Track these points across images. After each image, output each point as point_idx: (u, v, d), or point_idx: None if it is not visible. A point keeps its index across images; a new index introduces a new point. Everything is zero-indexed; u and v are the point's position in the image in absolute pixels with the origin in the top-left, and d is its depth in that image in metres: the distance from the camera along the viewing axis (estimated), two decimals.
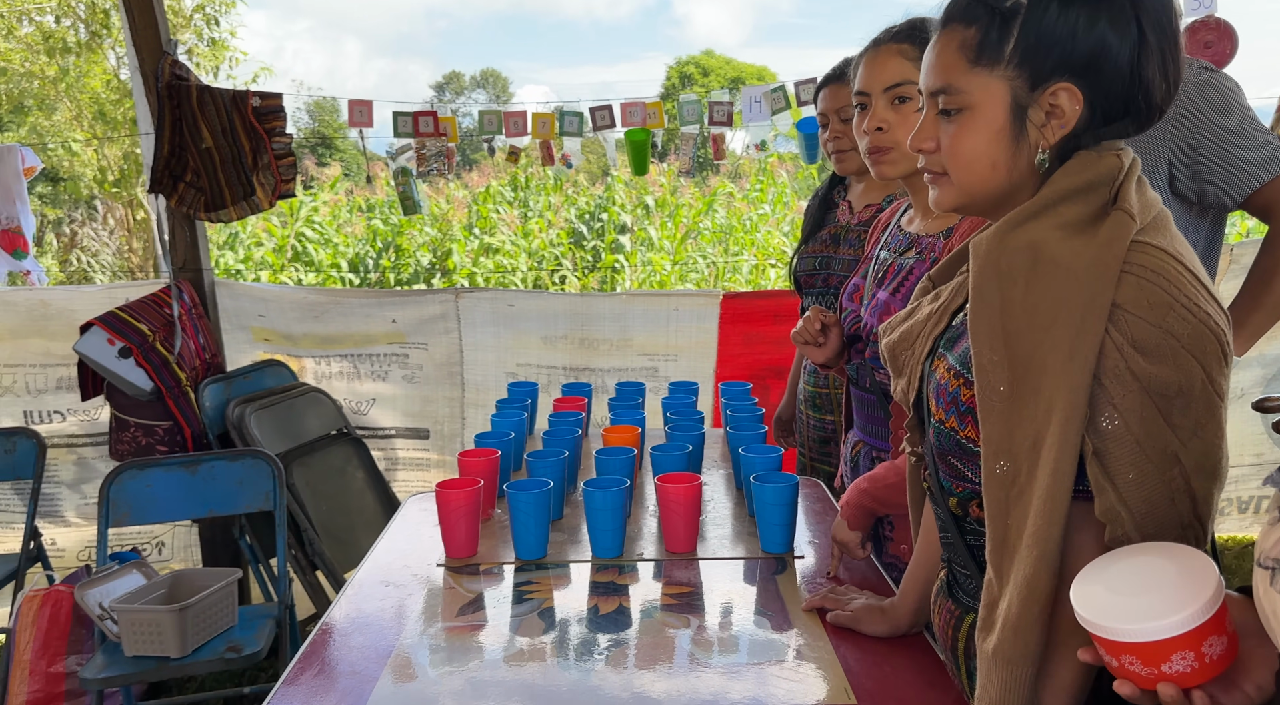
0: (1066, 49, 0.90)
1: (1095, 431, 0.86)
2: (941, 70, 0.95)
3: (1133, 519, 0.85)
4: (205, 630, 2.17)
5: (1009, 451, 0.89)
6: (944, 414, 1.00)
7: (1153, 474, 0.85)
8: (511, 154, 2.81)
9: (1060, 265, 0.88)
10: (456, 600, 1.51)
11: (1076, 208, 0.90)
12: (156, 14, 2.80)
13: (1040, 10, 0.91)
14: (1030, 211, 0.92)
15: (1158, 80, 0.92)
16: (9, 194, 2.75)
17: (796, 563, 1.62)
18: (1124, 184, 0.91)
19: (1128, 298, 0.85)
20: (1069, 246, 0.88)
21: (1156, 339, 0.84)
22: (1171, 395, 0.84)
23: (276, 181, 2.84)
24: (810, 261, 2.11)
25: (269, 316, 3.16)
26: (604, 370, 2.98)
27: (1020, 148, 0.94)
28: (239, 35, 10.52)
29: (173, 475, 2.46)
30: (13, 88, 10.38)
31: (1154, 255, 0.86)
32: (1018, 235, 0.91)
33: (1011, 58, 0.92)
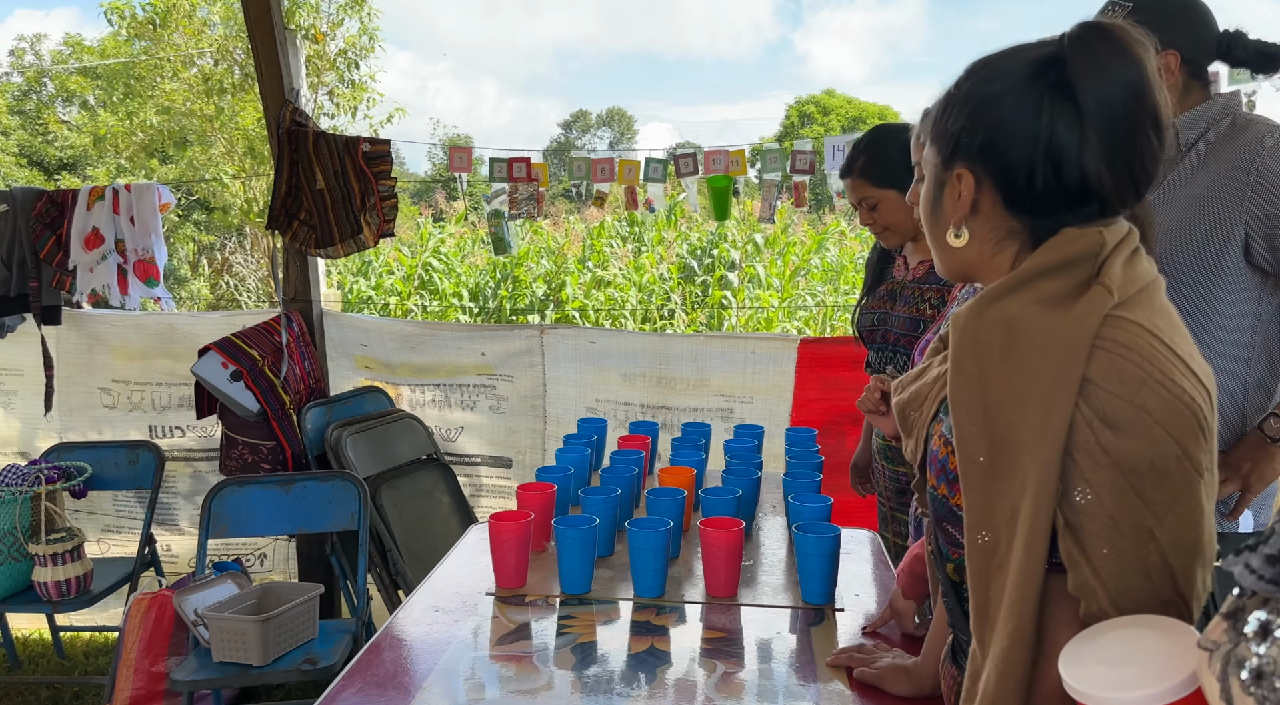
0: (962, 134, 0.94)
1: (1069, 506, 0.84)
2: (916, 146, 1.04)
3: (1108, 594, 0.83)
4: (286, 641, 2.31)
5: (989, 522, 0.88)
6: (936, 480, 1.00)
7: (1128, 549, 0.83)
8: (598, 198, 2.91)
9: (1033, 339, 0.87)
10: (500, 629, 1.57)
11: (1055, 283, 0.90)
12: (281, 66, 3.06)
13: (953, 92, 0.96)
14: (1008, 286, 0.92)
15: (1103, 172, 0.90)
16: (146, 228, 3.05)
17: (837, 615, 1.60)
18: (1109, 259, 0.90)
19: (1099, 372, 0.84)
20: (1043, 321, 0.88)
21: (1128, 414, 0.82)
22: (1144, 470, 0.82)
23: (380, 221, 3.03)
24: (870, 317, 2.11)
25: (370, 346, 3.35)
26: (680, 409, 3.01)
27: (938, 220, 0.99)
28: (378, 79, 11.20)
29: (268, 493, 2.64)
30: (175, 125, 11.39)
31: (1128, 330, 0.85)
32: (995, 309, 0.91)
33: (935, 133, 0.98)
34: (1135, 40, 0.89)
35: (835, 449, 2.82)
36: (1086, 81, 0.88)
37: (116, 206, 3.08)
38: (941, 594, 1.08)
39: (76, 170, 15.39)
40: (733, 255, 9.20)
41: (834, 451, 2.82)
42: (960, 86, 0.96)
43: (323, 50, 10.39)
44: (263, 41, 3.05)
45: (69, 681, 3.12)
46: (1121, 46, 0.89)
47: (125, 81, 12.75)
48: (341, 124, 10.74)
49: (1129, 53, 0.89)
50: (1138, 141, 0.90)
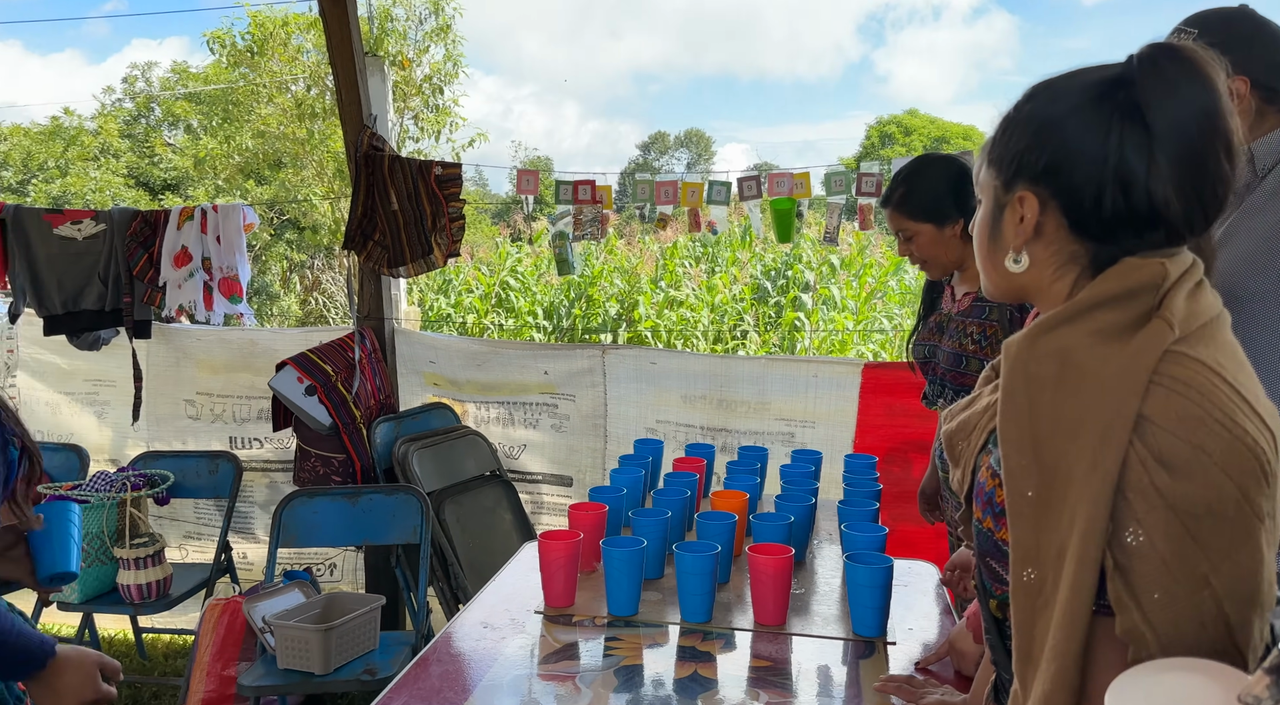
0: (1025, 156, 0.92)
1: (1119, 546, 0.81)
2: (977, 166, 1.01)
3: (1158, 640, 0.79)
4: (347, 651, 2.36)
5: (1036, 559, 0.85)
6: (982, 513, 0.97)
7: (1181, 596, 0.78)
8: (660, 220, 2.93)
9: (1087, 373, 0.84)
10: (545, 648, 1.58)
11: (1113, 314, 0.86)
12: (360, 92, 3.18)
13: (1013, 114, 0.94)
14: (1064, 316, 0.89)
15: (1171, 197, 0.87)
16: (231, 247, 3.19)
17: (889, 649, 1.56)
18: (1171, 291, 0.86)
19: (1155, 410, 0.80)
20: (1098, 354, 0.84)
21: (1185, 454, 0.78)
22: (1200, 514, 0.78)
23: (449, 242, 3.11)
24: (921, 350, 2.08)
25: (439, 363, 3.43)
26: (740, 432, 2.99)
27: (996, 245, 0.97)
28: (461, 103, 11.53)
29: (336, 504, 2.72)
30: (269, 148, 11.91)
31: (1189, 366, 0.81)
32: (1049, 340, 0.88)
33: (996, 156, 0.95)
34: (1207, 62, 0.87)
35: (900, 477, 2.76)
36: (1157, 104, 0.86)
37: (204, 226, 3.24)
38: (985, 631, 1.05)
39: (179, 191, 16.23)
40: (807, 277, 9.11)
41: (898, 480, 2.76)
42: (1020, 109, 0.94)
43: (409, 76, 10.74)
44: (343, 68, 3.18)
45: (148, 681, 3.25)
46: (1194, 68, 0.86)
47: (225, 106, 13.42)
48: (425, 147, 11.07)
49: (1201, 75, 0.86)
50: (1208, 167, 0.87)
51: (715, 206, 2.84)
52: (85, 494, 2.86)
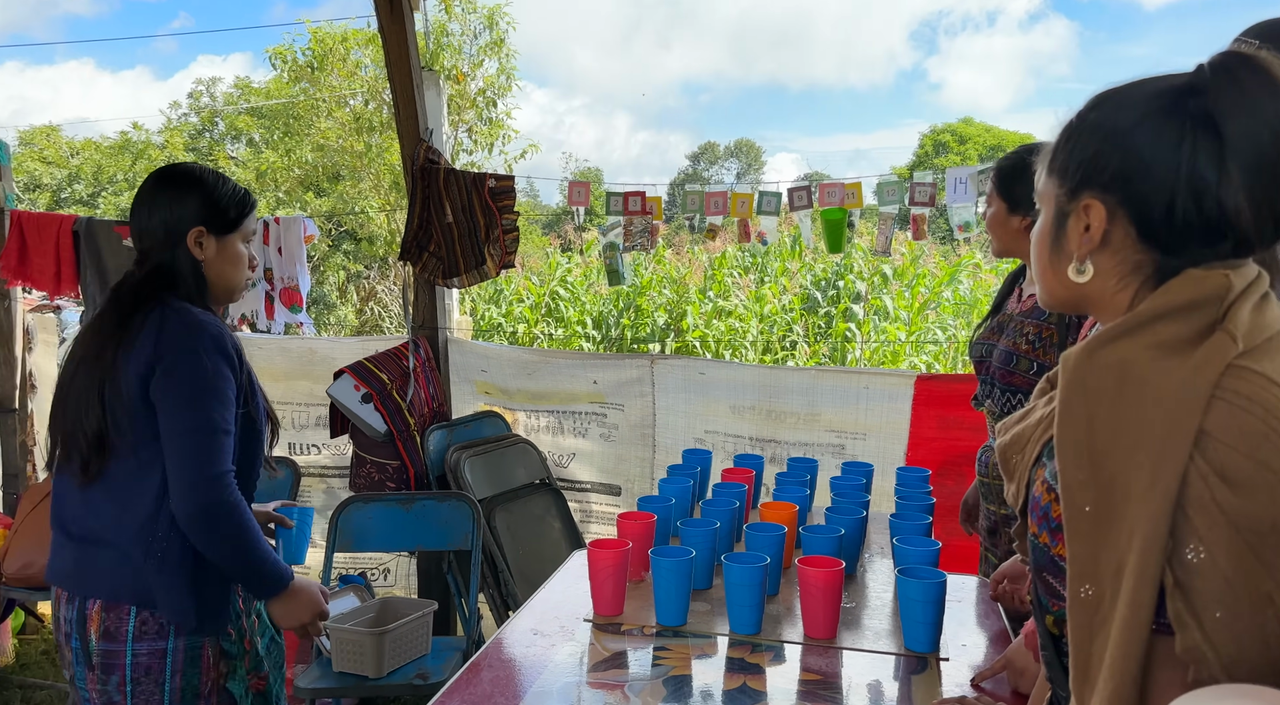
0: (1093, 163, 0.90)
1: (1180, 563, 0.79)
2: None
3: (1220, 660, 0.77)
4: (401, 655, 2.40)
5: (1094, 575, 0.84)
6: (1037, 528, 0.96)
7: (1243, 614, 0.77)
8: (710, 230, 2.94)
9: (1147, 386, 0.83)
10: (595, 656, 1.59)
11: (1175, 327, 0.85)
12: (418, 108, 3.25)
13: (1077, 123, 0.92)
14: (1124, 328, 0.88)
15: (1243, 207, 0.85)
16: (292, 258, 3.29)
17: (941, 665, 1.54)
18: (1236, 304, 0.85)
19: (1217, 425, 0.79)
20: (1159, 367, 0.83)
21: (1248, 471, 0.77)
22: (1264, 532, 0.76)
23: (502, 253, 3.16)
24: (979, 348, 2.06)
25: (490, 372, 3.48)
26: (790, 443, 2.98)
27: (1059, 254, 0.95)
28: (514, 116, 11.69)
29: (390, 510, 2.77)
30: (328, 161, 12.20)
31: (1252, 381, 0.79)
32: (1108, 352, 0.87)
33: (1060, 164, 0.93)
34: None
35: (953, 490, 2.72)
36: (1231, 112, 0.84)
37: (266, 238, 3.34)
38: (1041, 647, 1.03)
39: None
40: (858, 287, 9.03)
41: (951, 493, 2.71)
42: (1085, 117, 0.93)
43: (463, 89, 10.92)
44: (401, 84, 3.25)
45: None
46: (1269, 78, 0.85)
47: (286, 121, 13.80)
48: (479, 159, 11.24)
49: (1276, 84, 0.85)
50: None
51: (765, 217, 2.84)
52: None
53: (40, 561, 3.10)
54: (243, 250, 1.76)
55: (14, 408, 3.71)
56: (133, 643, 1.60)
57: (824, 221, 2.77)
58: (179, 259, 1.68)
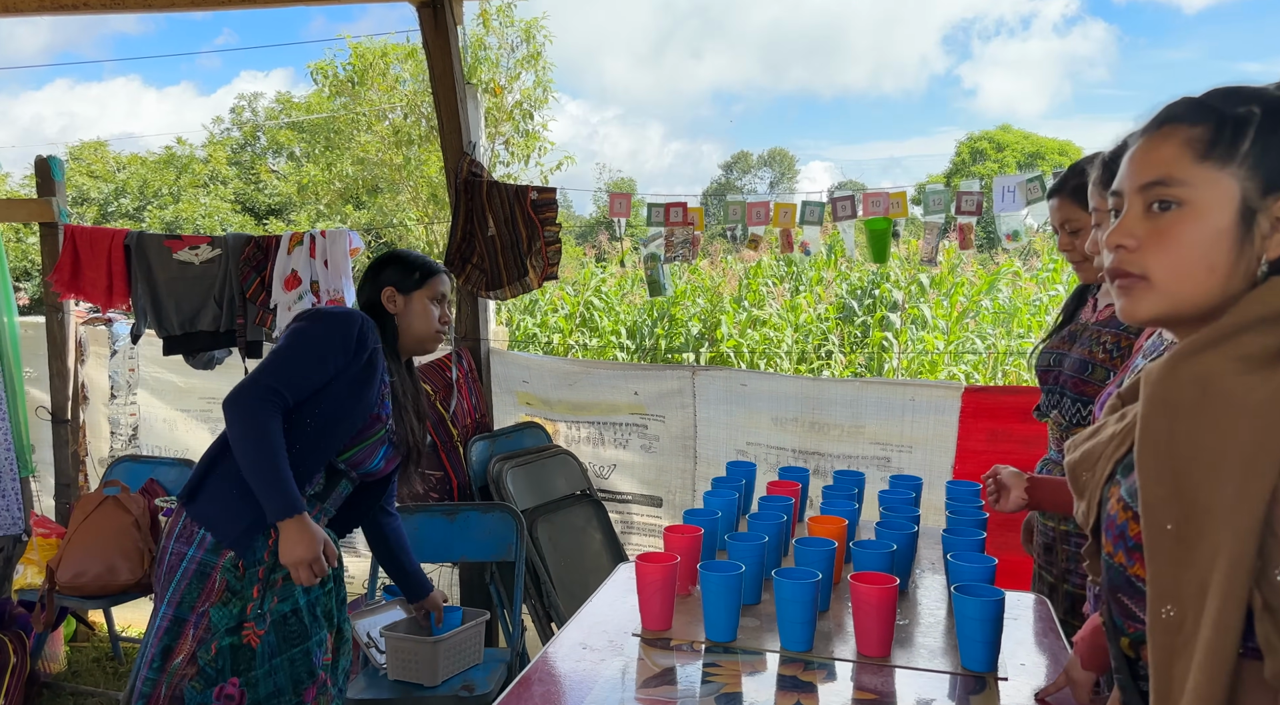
0: None
1: (1269, 585, 0.77)
2: (1159, 163, 0.89)
3: None
4: (455, 664, 2.41)
5: (1176, 595, 0.82)
6: (1113, 547, 0.93)
7: None
8: (751, 241, 2.93)
9: (1231, 402, 0.81)
10: (645, 671, 1.58)
11: (1262, 338, 0.83)
12: (461, 122, 3.28)
13: (1264, 119, 0.86)
14: (1209, 340, 0.85)
15: None
16: (338, 271, 3.33)
17: (1000, 685, 1.51)
18: None
19: None
20: (1243, 382, 0.81)
21: None
22: None
23: (545, 265, 3.17)
24: (1047, 357, 2.02)
25: (531, 382, 3.49)
26: (833, 455, 2.95)
27: (1243, 254, 0.87)
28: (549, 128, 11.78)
29: (435, 521, 2.78)
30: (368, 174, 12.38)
31: None
32: (1190, 365, 0.85)
33: (1246, 158, 0.86)
34: None
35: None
36: None
37: (313, 251, 3.38)
38: (1114, 669, 1.01)
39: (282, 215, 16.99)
40: (895, 296, 8.94)
41: None
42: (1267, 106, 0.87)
43: (500, 102, 11.03)
44: (445, 98, 3.29)
45: None
46: None
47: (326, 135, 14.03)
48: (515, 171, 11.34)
49: None
50: None
51: (808, 227, 2.83)
52: None
53: (93, 570, 3.16)
54: (430, 307, 2.09)
55: (67, 419, 3.79)
56: (174, 542, 1.88)
57: (869, 232, 2.75)
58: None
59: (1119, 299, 0.94)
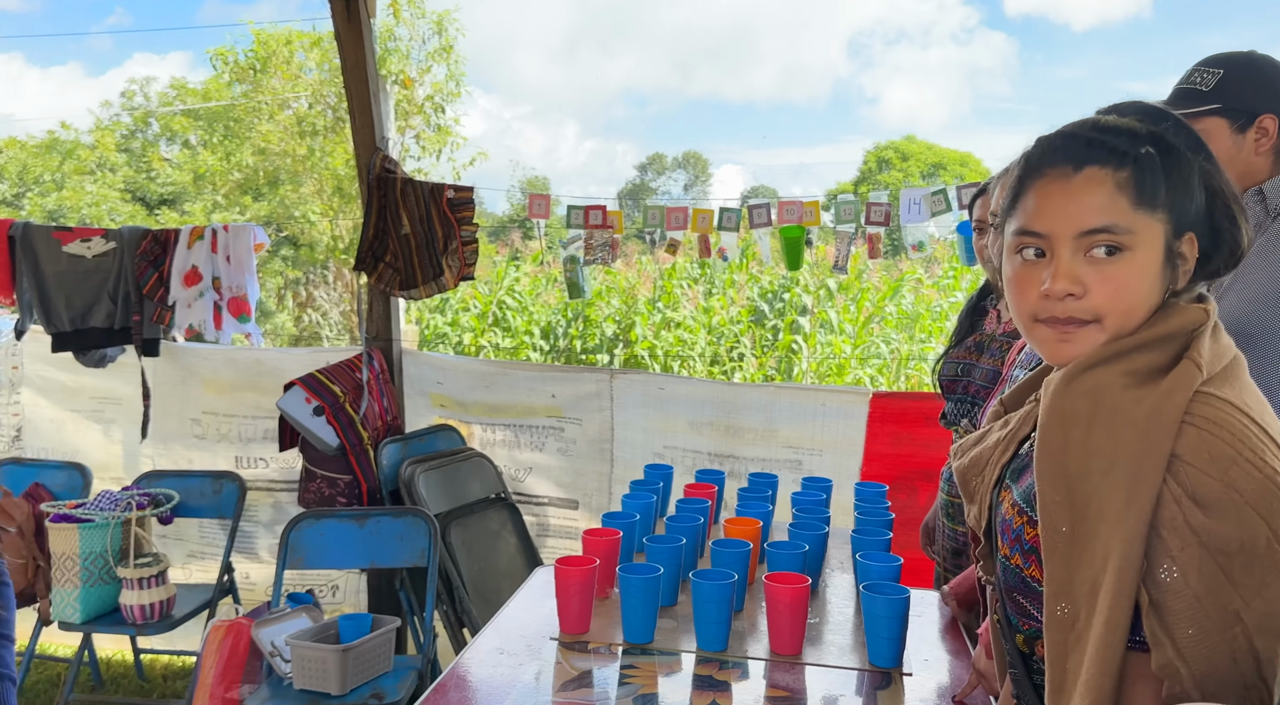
0: (1193, 198, 0.93)
1: (1154, 583, 0.83)
2: (1097, 209, 0.91)
3: (1192, 676, 0.82)
4: (363, 673, 2.36)
5: (1070, 594, 0.88)
6: (1009, 550, 0.99)
7: (1213, 631, 0.81)
8: (671, 245, 2.96)
9: (1120, 413, 0.87)
10: (562, 675, 1.58)
11: (1150, 356, 0.90)
12: (374, 115, 3.21)
13: (1176, 160, 0.93)
14: (1104, 356, 0.91)
15: (1229, 231, 0.94)
16: (241, 267, 3.21)
17: (905, 680, 1.57)
18: (1200, 334, 0.90)
19: (1188, 449, 0.83)
20: (1131, 395, 0.88)
21: (1217, 493, 0.81)
22: (1233, 552, 0.81)
23: (461, 265, 3.13)
24: (953, 367, 2.08)
25: (446, 384, 3.44)
26: (747, 459, 3.01)
27: (1163, 291, 0.94)
28: (462, 122, 11.60)
29: (344, 526, 2.72)
30: (269, 165, 11.96)
31: (1218, 407, 0.84)
32: (1084, 380, 0.91)
33: (1165, 202, 0.92)
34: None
35: (905, 504, 2.77)
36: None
37: (215, 246, 3.25)
38: (1009, 665, 1.06)
39: (176, 206, 16.23)
40: (804, 300, 9.16)
41: (904, 507, 2.77)
42: (1170, 155, 0.93)
43: (411, 95, 10.81)
44: (357, 90, 3.21)
45: (147, 704, 3.23)
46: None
47: (225, 123, 13.47)
48: (426, 166, 11.13)
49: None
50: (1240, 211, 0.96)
51: (726, 233, 2.87)
52: (89, 513, 2.85)
53: None
54: None
55: None
56: None
57: (783, 239, 2.82)
58: None
59: (1054, 344, 0.94)
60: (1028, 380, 1.05)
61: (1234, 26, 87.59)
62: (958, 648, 1.73)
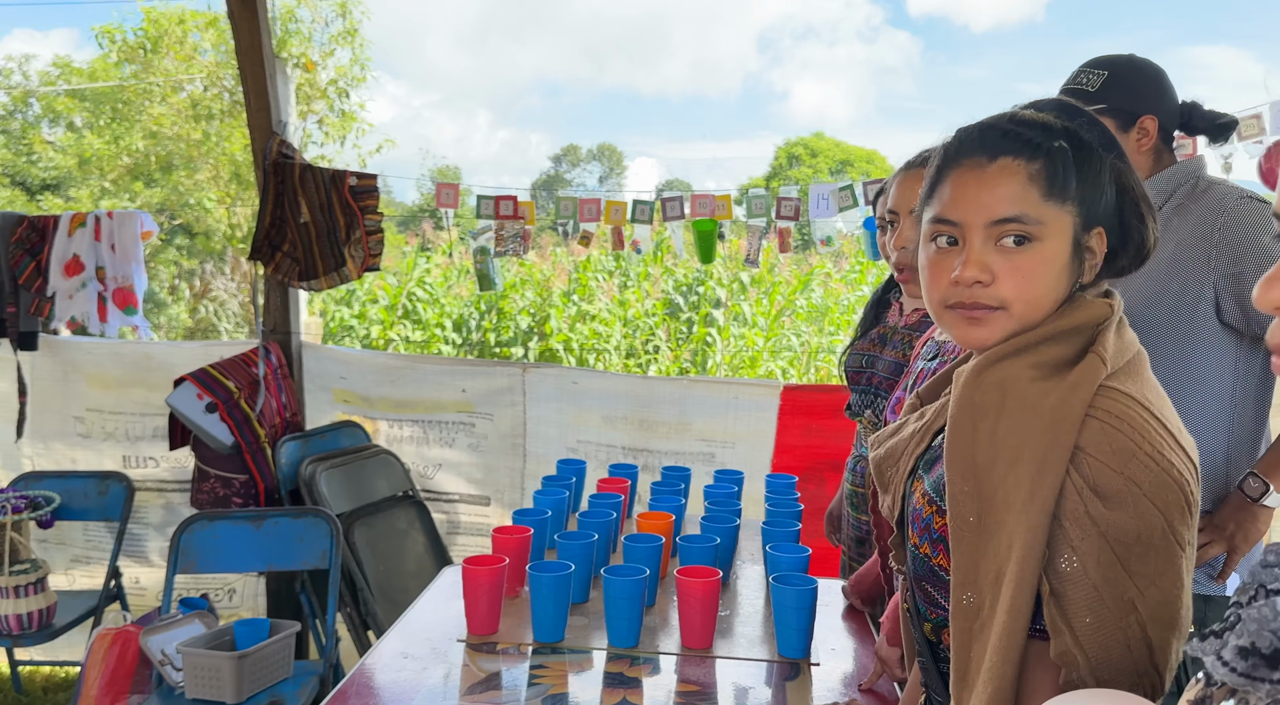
0: (1103, 194, 0.95)
1: (1055, 572, 0.85)
2: (1008, 200, 0.92)
3: (1088, 663, 0.83)
4: (260, 680, 2.26)
5: (975, 583, 0.89)
6: (919, 539, 1.00)
7: (1109, 619, 0.83)
8: (584, 238, 2.92)
9: (1027, 405, 0.88)
10: (469, 678, 1.54)
11: (1057, 349, 0.91)
12: (270, 98, 3.07)
13: (1087, 155, 0.94)
14: (1013, 349, 0.92)
15: (1137, 229, 0.96)
16: (127, 256, 3.03)
17: (813, 670, 1.58)
18: (1105, 328, 0.92)
19: (1090, 442, 0.85)
20: (1037, 388, 0.89)
21: (1117, 485, 0.83)
22: (1130, 542, 0.83)
23: (365, 255, 3.02)
24: (858, 359, 2.11)
25: (349, 379, 3.32)
26: (662, 452, 3.01)
27: (1070, 283, 0.95)
28: (368, 108, 11.27)
29: (239, 528, 2.59)
30: (161, 149, 11.38)
31: (1120, 401, 0.86)
32: (994, 372, 0.92)
33: (1075, 195, 0.93)
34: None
35: (814, 494, 2.82)
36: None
37: (98, 234, 3.07)
38: (917, 653, 1.07)
39: (59, 191, 15.31)
40: (718, 293, 9.24)
41: (813, 497, 2.81)
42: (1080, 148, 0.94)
43: (314, 79, 10.45)
44: (252, 73, 3.06)
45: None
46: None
47: (113, 105, 12.75)
48: (330, 153, 10.77)
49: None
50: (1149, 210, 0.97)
51: (639, 225, 2.85)
52: None
53: None
54: None
55: None
56: None
57: (696, 233, 2.81)
58: None
59: (963, 327, 0.95)
60: (942, 374, 1.06)
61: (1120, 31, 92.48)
62: (863, 636, 1.76)
